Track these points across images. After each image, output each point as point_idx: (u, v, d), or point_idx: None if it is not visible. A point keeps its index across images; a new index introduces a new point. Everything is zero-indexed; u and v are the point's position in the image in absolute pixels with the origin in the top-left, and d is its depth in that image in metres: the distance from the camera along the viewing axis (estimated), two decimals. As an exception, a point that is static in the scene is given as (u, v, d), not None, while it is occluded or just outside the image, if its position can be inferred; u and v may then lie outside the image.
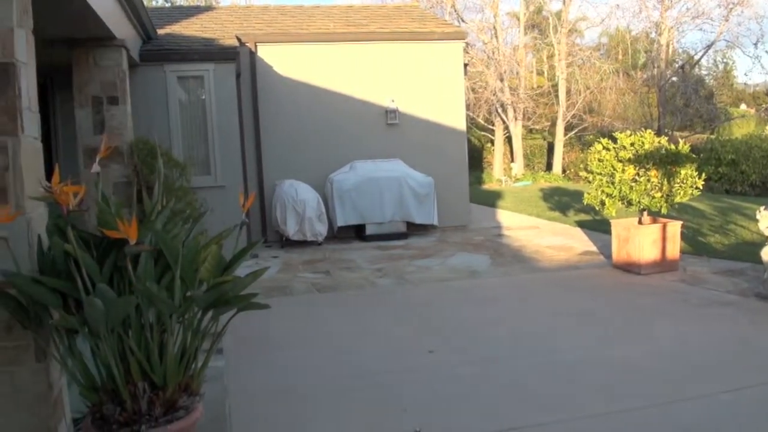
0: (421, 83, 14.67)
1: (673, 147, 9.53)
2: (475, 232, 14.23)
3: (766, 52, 72.98)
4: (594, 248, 11.55)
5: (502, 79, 30.33)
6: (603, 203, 9.78)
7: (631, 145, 9.65)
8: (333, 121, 14.22)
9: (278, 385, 5.85)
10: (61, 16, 7.36)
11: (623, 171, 9.49)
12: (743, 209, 15.42)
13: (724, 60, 42.46)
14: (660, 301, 8.16)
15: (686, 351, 6.31)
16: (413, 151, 14.52)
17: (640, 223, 9.66)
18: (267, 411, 5.29)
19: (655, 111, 33.58)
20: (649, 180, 9.41)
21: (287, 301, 8.86)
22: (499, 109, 30.87)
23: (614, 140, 9.90)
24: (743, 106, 44.21)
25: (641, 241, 9.41)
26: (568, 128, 31.60)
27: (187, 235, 3.78)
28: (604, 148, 9.85)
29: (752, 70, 72.20)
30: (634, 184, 9.45)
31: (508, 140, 31.56)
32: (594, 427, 4.73)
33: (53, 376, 3.73)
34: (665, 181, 9.39)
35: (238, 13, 16.70)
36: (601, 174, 9.77)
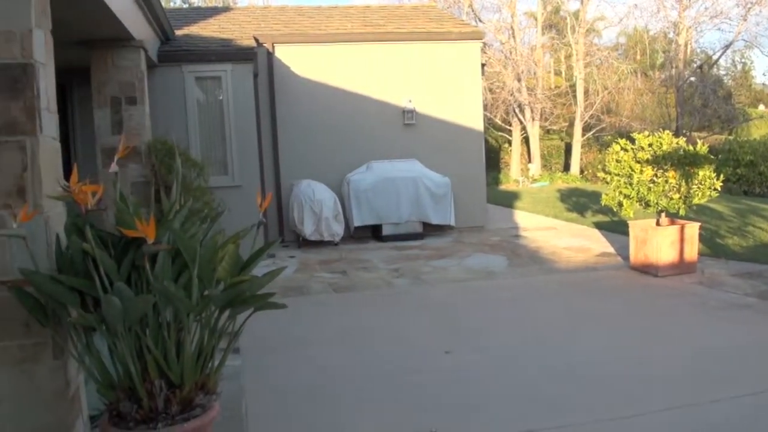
0: (438, 83, 14.65)
1: (691, 148, 9.48)
2: (492, 232, 14.20)
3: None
4: (611, 250, 11.50)
5: (519, 80, 30.25)
6: (621, 204, 9.74)
7: (649, 145, 9.61)
8: (350, 121, 14.23)
9: (295, 384, 5.87)
10: (80, 17, 7.40)
11: (641, 172, 9.45)
12: (762, 211, 15.32)
13: (743, 60, 42.24)
14: (678, 304, 8.11)
15: (704, 354, 6.27)
16: (430, 152, 14.50)
17: (658, 224, 9.61)
18: (283, 410, 5.30)
19: (673, 111, 33.39)
20: (667, 181, 9.36)
21: (304, 300, 8.88)
22: (517, 110, 30.78)
23: (632, 141, 9.86)
24: (761, 107, 43.89)
25: (659, 243, 9.36)
26: (586, 129, 31.46)
27: (204, 235, 3.79)
28: (622, 148, 9.81)
29: (771, 70, 71.72)
30: (652, 185, 9.41)
31: (526, 141, 31.46)
32: (612, 430, 4.71)
33: (71, 374, 3.75)
34: (683, 183, 9.34)
35: (255, 14, 16.74)
36: (618, 175, 9.73)
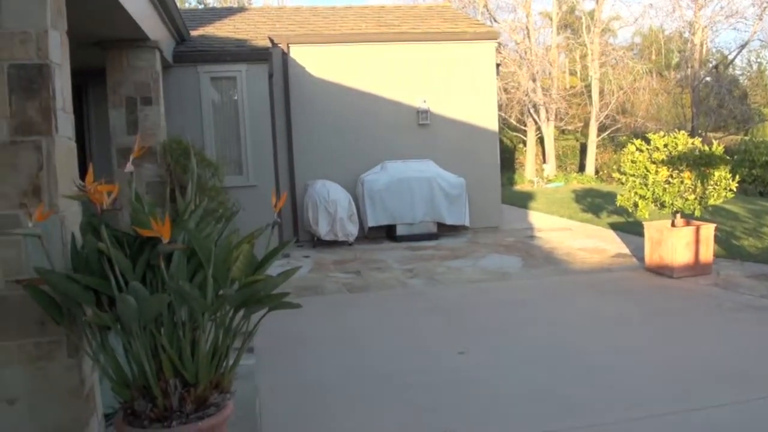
0: (453, 83, 14.63)
1: (706, 148, 9.43)
2: (507, 233, 14.17)
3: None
4: (627, 251, 11.45)
5: (534, 80, 30.20)
6: (636, 205, 9.70)
7: (665, 146, 9.56)
8: (364, 121, 14.24)
9: (309, 383, 5.87)
10: (96, 18, 7.43)
11: (656, 172, 9.40)
12: (778, 212, 15.24)
13: (758, 60, 41.86)
14: (693, 305, 8.07)
15: (719, 356, 6.23)
16: (445, 152, 14.49)
17: (673, 225, 9.56)
18: (297, 409, 5.31)
19: (688, 112, 33.24)
20: (682, 182, 9.31)
21: (318, 300, 8.89)
22: (532, 110, 30.72)
23: (647, 141, 9.81)
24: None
25: (674, 244, 9.31)
26: (601, 129, 31.36)
27: (219, 235, 3.80)
28: (638, 149, 9.77)
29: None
30: (667, 186, 9.36)
31: (541, 141, 31.39)
32: (628, 431, 4.69)
33: (85, 372, 3.77)
34: (699, 183, 9.29)
35: (270, 15, 16.78)
36: (634, 175, 9.69)
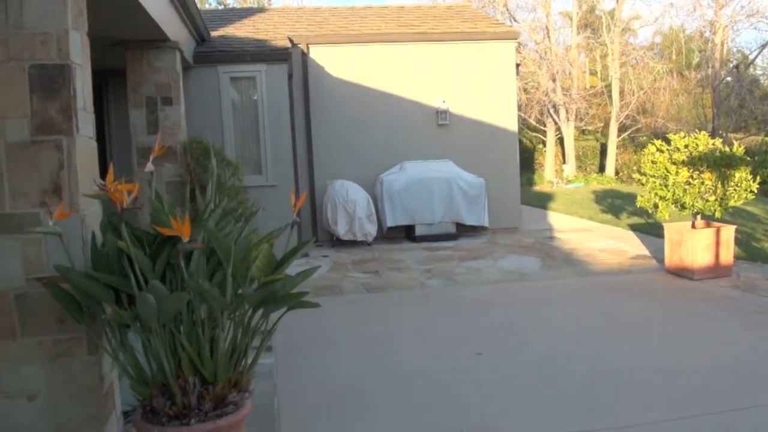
0: (473, 84, 14.60)
1: (727, 149, 9.36)
2: (526, 234, 14.13)
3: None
4: (647, 252, 11.39)
5: (554, 80, 30.09)
6: (656, 206, 9.64)
7: (685, 147, 9.50)
8: (384, 121, 14.24)
9: (327, 383, 5.88)
10: (116, 18, 7.48)
11: (677, 173, 9.34)
12: (800, 213, 15.11)
13: (779, 59, 41.51)
14: (713, 308, 8.01)
15: (739, 359, 6.18)
16: (464, 152, 14.46)
17: (693, 227, 9.50)
18: (315, 409, 5.32)
19: (709, 112, 33.00)
20: (702, 183, 9.24)
21: (337, 300, 8.90)
22: (551, 110, 30.60)
23: (668, 142, 9.75)
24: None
25: (694, 246, 9.25)
26: (622, 129, 31.20)
27: (238, 234, 3.82)
28: (658, 149, 9.71)
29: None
30: (687, 187, 9.29)
31: (560, 141, 31.27)
32: None
33: (104, 369, 3.81)
34: (719, 184, 9.22)
35: (290, 15, 16.81)
36: (654, 176, 9.63)
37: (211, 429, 3.41)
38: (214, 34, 13.50)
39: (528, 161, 30.82)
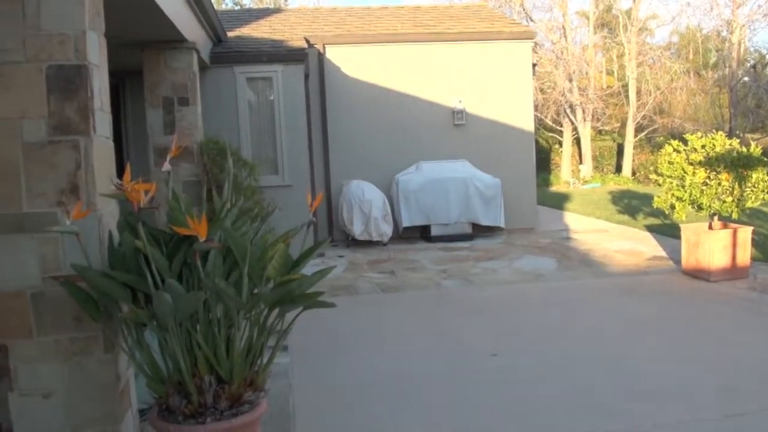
0: (489, 84, 14.57)
1: (744, 149, 9.29)
2: (542, 234, 14.09)
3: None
4: (663, 253, 11.32)
5: (570, 80, 29.99)
6: (673, 207, 9.58)
7: (702, 147, 9.44)
8: (400, 121, 14.24)
9: (342, 382, 5.89)
10: (133, 19, 7.52)
11: (694, 174, 9.29)
12: (819, 214, 14.98)
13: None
14: (729, 310, 7.96)
15: (757, 361, 6.13)
16: (480, 152, 14.43)
17: (710, 228, 9.44)
18: (330, 408, 5.33)
19: (726, 112, 32.81)
20: (719, 183, 9.18)
21: (352, 300, 8.90)
22: (568, 110, 30.50)
23: (685, 142, 9.70)
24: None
25: (711, 247, 9.19)
26: (638, 129, 31.07)
27: (255, 233, 3.83)
28: (675, 150, 9.65)
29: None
30: (704, 188, 9.23)
31: (577, 141, 31.16)
32: (661, 433, 4.65)
33: (121, 368, 3.83)
34: (736, 185, 9.15)
35: (306, 15, 16.84)
36: (671, 177, 9.58)
37: (227, 428, 3.42)
38: (231, 34, 13.54)
39: (544, 161, 30.75)
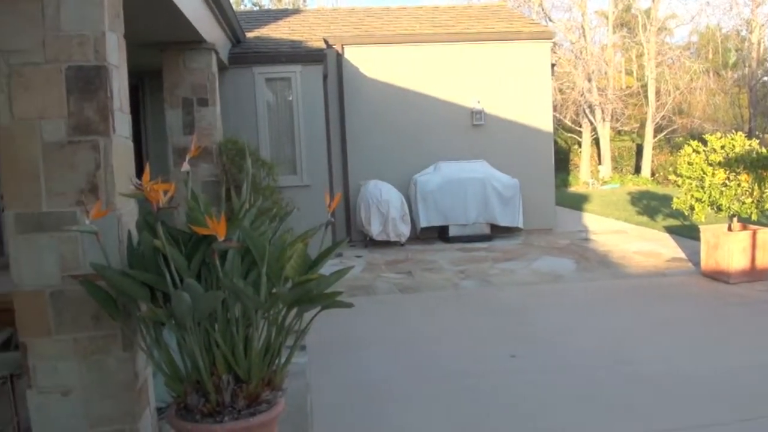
0: (508, 84, 14.53)
1: (764, 150, 9.22)
2: (561, 235, 14.04)
3: None
4: (682, 255, 11.25)
5: (590, 80, 29.84)
6: (692, 208, 9.52)
7: (722, 148, 9.38)
8: (418, 121, 14.22)
9: (360, 382, 5.90)
10: (154, 21, 7.55)
11: (713, 175, 9.23)
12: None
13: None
14: (749, 312, 7.91)
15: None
16: (498, 153, 14.39)
17: (730, 229, 9.37)
18: (348, 408, 5.34)
19: (745, 112, 32.55)
20: (739, 185, 9.11)
21: (370, 300, 8.91)
22: (587, 110, 30.34)
23: (704, 143, 9.64)
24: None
25: (731, 249, 9.12)
26: (658, 130, 30.85)
27: (273, 233, 3.84)
28: (694, 150, 9.60)
29: None
30: (724, 189, 9.17)
31: (596, 142, 30.99)
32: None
33: (139, 366, 3.85)
34: (756, 186, 9.08)
35: (325, 16, 16.86)
36: (690, 178, 9.52)
37: (245, 427, 3.43)
38: (250, 35, 13.59)
39: (563, 162, 30.61)
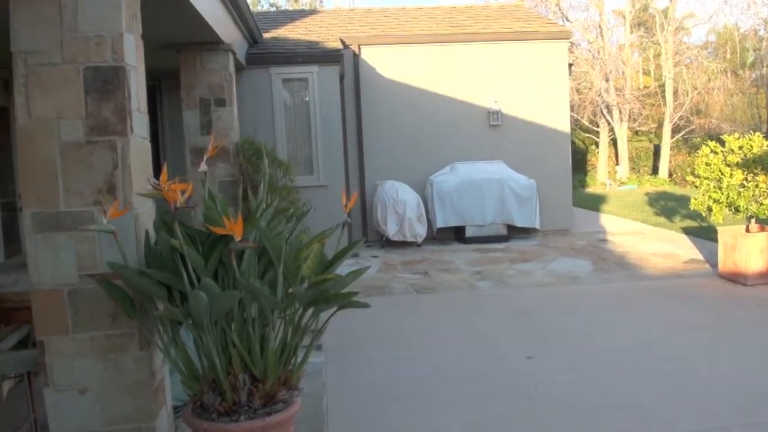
0: (525, 84, 14.50)
1: (782, 151, 9.17)
2: (578, 236, 13.99)
3: None
4: (700, 256, 11.19)
5: (607, 80, 29.69)
6: (710, 209, 9.46)
7: (740, 148, 9.31)
8: (435, 122, 14.21)
9: (375, 382, 5.90)
10: (170, 21, 7.58)
11: (731, 176, 9.16)
12: None
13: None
14: (766, 314, 7.86)
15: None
16: (516, 153, 14.36)
17: (748, 230, 9.31)
18: (363, 407, 5.34)
19: (763, 113, 32.35)
20: (757, 185, 9.04)
21: (386, 300, 8.91)
22: (604, 110, 30.19)
23: (722, 143, 9.58)
24: None
25: (748, 250, 9.05)
26: (675, 130, 30.65)
27: (290, 233, 3.85)
28: (712, 151, 9.53)
29: None
30: (741, 190, 9.11)
31: (613, 142, 30.83)
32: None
33: (156, 365, 3.87)
34: (774, 187, 9.03)
35: (342, 16, 16.88)
36: (708, 178, 9.46)
37: (260, 426, 3.44)
38: (267, 36, 13.62)
39: (580, 162, 30.47)
